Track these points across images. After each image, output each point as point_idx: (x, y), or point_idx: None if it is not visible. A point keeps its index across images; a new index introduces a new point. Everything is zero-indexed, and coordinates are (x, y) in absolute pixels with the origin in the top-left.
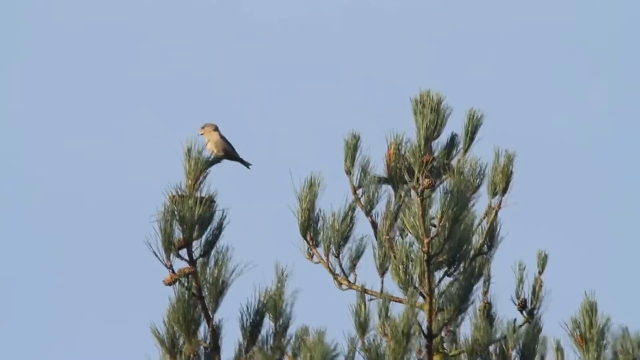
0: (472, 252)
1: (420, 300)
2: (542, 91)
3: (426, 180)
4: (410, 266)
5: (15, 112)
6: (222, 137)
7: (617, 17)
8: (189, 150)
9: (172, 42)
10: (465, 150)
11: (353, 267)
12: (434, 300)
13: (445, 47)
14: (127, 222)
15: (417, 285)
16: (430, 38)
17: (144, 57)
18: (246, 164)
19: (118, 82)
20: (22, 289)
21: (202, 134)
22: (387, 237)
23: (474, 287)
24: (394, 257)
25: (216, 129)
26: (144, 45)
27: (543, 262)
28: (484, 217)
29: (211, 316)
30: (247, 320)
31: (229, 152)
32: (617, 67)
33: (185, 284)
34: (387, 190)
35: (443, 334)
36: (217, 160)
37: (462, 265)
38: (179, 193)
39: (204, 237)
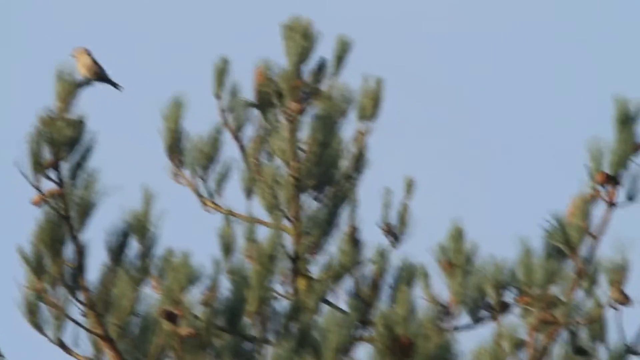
0: (339, 176)
1: (287, 223)
2: (411, 20)
3: (295, 104)
4: (277, 190)
5: None
6: (94, 60)
7: None
8: (60, 73)
9: None
10: (335, 75)
11: (219, 189)
12: (300, 224)
13: None
14: None
15: (283, 208)
16: None
17: None
18: (117, 86)
19: None
20: None
21: (74, 56)
22: (255, 160)
23: (341, 211)
24: (261, 180)
25: (88, 52)
26: None
27: (410, 187)
28: (353, 142)
29: (77, 236)
30: (112, 241)
31: (99, 75)
32: None
33: (53, 205)
34: (255, 114)
35: (308, 257)
36: (87, 82)
37: (329, 189)
38: (49, 115)
39: (72, 159)
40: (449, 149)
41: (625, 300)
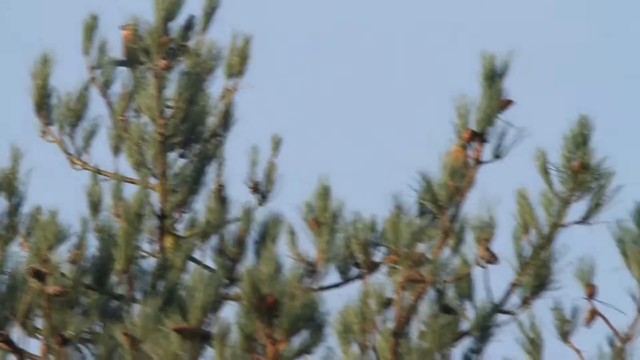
0: (206, 134)
1: (154, 181)
2: None
3: (162, 61)
4: (144, 147)
5: None
6: None
7: None
8: None
9: None
10: (203, 33)
11: (87, 147)
12: (167, 182)
13: None
14: None
15: (150, 166)
16: None
17: None
18: None
19: None
20: None
21: None
22: (122, 117)
23: (208, 169)
24: (129, 137)
25: None
26: None
27: (277, 145)
28: (220, 100)
29: None
30: None
31: None
32: None
33: None
34: (123, 71)
35: (175, 215)
36: None
37: (196, 147)
38: None
39: None
40: (316, 105)
41: (492, 258)
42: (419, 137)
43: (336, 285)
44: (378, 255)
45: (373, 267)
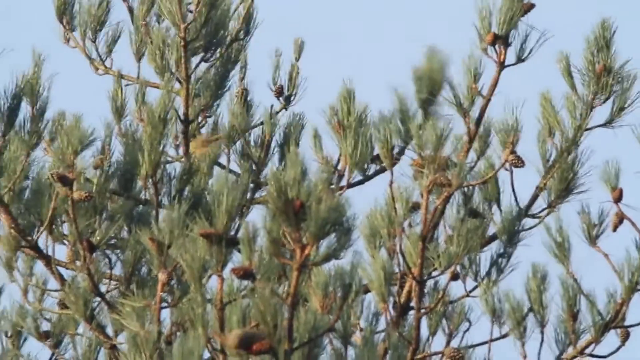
0: (228, 38)
1: (177, 86)
2: None
3: None
4: (167, 52)
5: None
6: None
7: None
8: None
9: None
10: None
11: (110, 52)
12: (190, 86)
13: None
14: None
15: (173, 70)
16: None
17: None
18: None
19: None
20: None
21: None
22: (144, 22)
23: (231, 74)
24: (151, 42)
25: None
26: None
27: (300, 48)
28: (241, 3)
29: None
30: (4, 104)
31: None
32: None
33: None
34: None
35: (200, 119)
36: None
37: (218, 51)
38: None
39: None
40: (338, 5)
41: (517, 161)
42: (441, 41)
43: (357, 184)
44: (402, 156)
45: (396, 162)
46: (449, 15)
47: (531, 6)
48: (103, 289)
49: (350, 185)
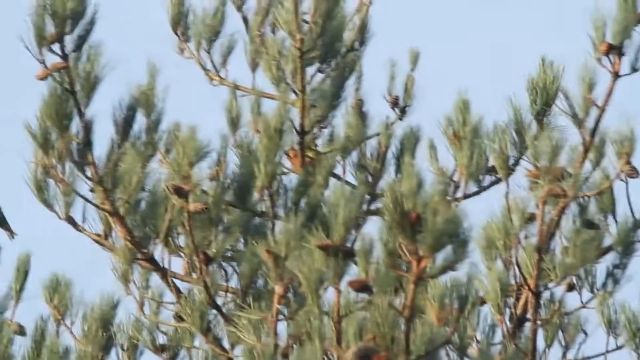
0: (344, 49)
1: (293, 96)
2: None
3: None
4: (282, 62)
5: None
6: None
7: None
8: None
9: None
10: None
11: (224, 62)
12: (306, 97)
13: None
14: None
15: (289, 81)
16: None
17: None
18: None
19: None
20: None
21: None
22: (259, 33)
23: (346, 84)
24: (266, 53)
25: None
26: None
27: (415, 59)
28: (356, 13)
29: (83, 111)
30: (119, 115)
31: None
32: None
33: (58, 79)
34: None
35: (315, 131)
36: None
37: (334, 61)
38: None
39: (76, 32)
40: (453, 16)
41: (633, 172)
42: (556, 51)
43: (473, 195)
44: (517, 166)
45: (511, 174)
46: (562, 26)
47: None
48: (219, 301)
49: (466, 197)
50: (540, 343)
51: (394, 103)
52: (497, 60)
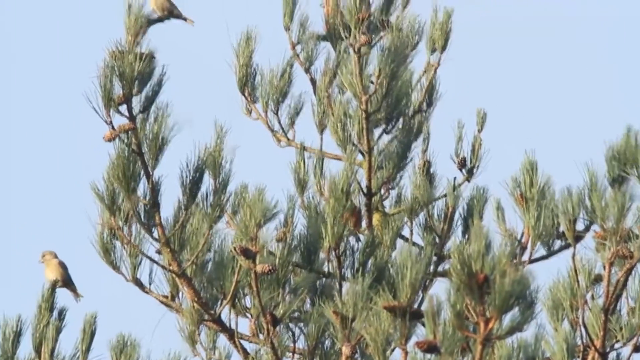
0: (410, 110)
1: (359, 158)
2: None
3: (363, 37)
4: (348, 123)
5: None
6: None
7: None
8: (130, 6)
9: None
10: (404, 7)
11: (292, 123)
12: (373, 158)
13: None
14: (67, 78)
15: (355, 142)
16: None
17: None
18: (189, 21)
19: None
20: None
21: None
22: (326, 94)
23: (413, 145)
24: (333, 114)
25: None
26: None
27: (482, 120)
28: (423, 75)
29: (151, 173)
30: (186, 177)
31: (171, 11)
32: None
33: (125, 140)
34: (325, 47)
35: (382, 191)
36: (159, 19)
37: (400, 122)
38: (119, 49)
39: (143, 93)
40: (520, 78)
41: None
42: (621, 115)
43: (541, 258)
44: (584, 228)
45: (579, 240)
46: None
47: None
48: None
49: (534, 260)
50: None
51: (461, 164)
52: (566, 120)
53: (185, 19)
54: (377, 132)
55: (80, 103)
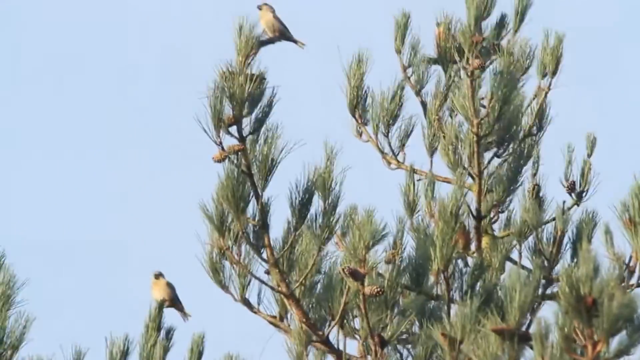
0: (521, 134)
1: (469, 181)
2: None
3: (476, 60)
4: (459, 146)
5: None
6: (276, 18)
7: None
8: (241, 27)
9: None
10: (515, 31)
11: (402, 146)
12: (483, 181)
13: None
14: (178, 98)
15: (466, 165)
16: None
17: None
18: (299, 44)
19: None
20: None
21: (260, 9)
22: (437, 117)
23: (523, 169)
24: (444, 137)
25: (272, 10)
26: None
27: (592, 144)
28: (534, 99)
29: (260, 194)
30: (296, 198)
31: (282, 33)
32: None
33: (235, 161)
34: (436, 70)
35: (492, 215)
36: (270, 41)
37: (511, 146)
38: (230, 70)
39: (254, 115)
40: (630, 103)
41: None
42: None
43: None
44: None
45: None
46: None
47: None
48: None
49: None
50: None
51: (571, 188)
52: None
53: (296, 42)
54: (487, 155)
55: (191, 123)
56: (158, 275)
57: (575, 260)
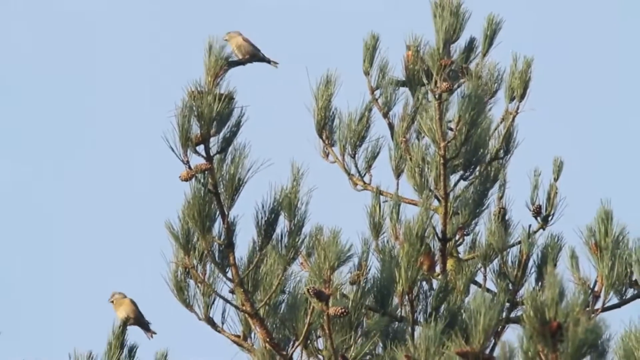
0: (488, 157)
1: (435, 203)
2: None
3: (444, 83)
4: (426, 169)
5: None
6: (246, 40)
7: None
8: (210, 47)
9: None
10: (484, 55)
11: (369, 167)
12: (449, 204)
13: None
14: (144, 118)
15: (432, 188)
16: None
17: None
18: (273, 63)
19: None
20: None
21: (227, 40)
22: (404, 139)
23: (489, 192)
24: (410, 159)
25: (240, 33)
26: None
27: (559, 168)
28: (501, 122)
29: (226, 213)
30: (262, 218)
31: (253, 54)
32: None
33: (202, 180)
34: (404, 92)
35: (457, 237)
36: (240, 62)
37: (478, 169)
38: (198, 89)
39: (221, 134)
40: (598, 127)
41: None
42: None
43: (614, 307)
44: None
45: None
46: None
47: None
48: None
49: (607, 308)
50: None
51: (537, 212)
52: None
53: (269, 61)
54: (453, 178)
55: (158, 141)
56: (119, 296)
57: (540, 284)
